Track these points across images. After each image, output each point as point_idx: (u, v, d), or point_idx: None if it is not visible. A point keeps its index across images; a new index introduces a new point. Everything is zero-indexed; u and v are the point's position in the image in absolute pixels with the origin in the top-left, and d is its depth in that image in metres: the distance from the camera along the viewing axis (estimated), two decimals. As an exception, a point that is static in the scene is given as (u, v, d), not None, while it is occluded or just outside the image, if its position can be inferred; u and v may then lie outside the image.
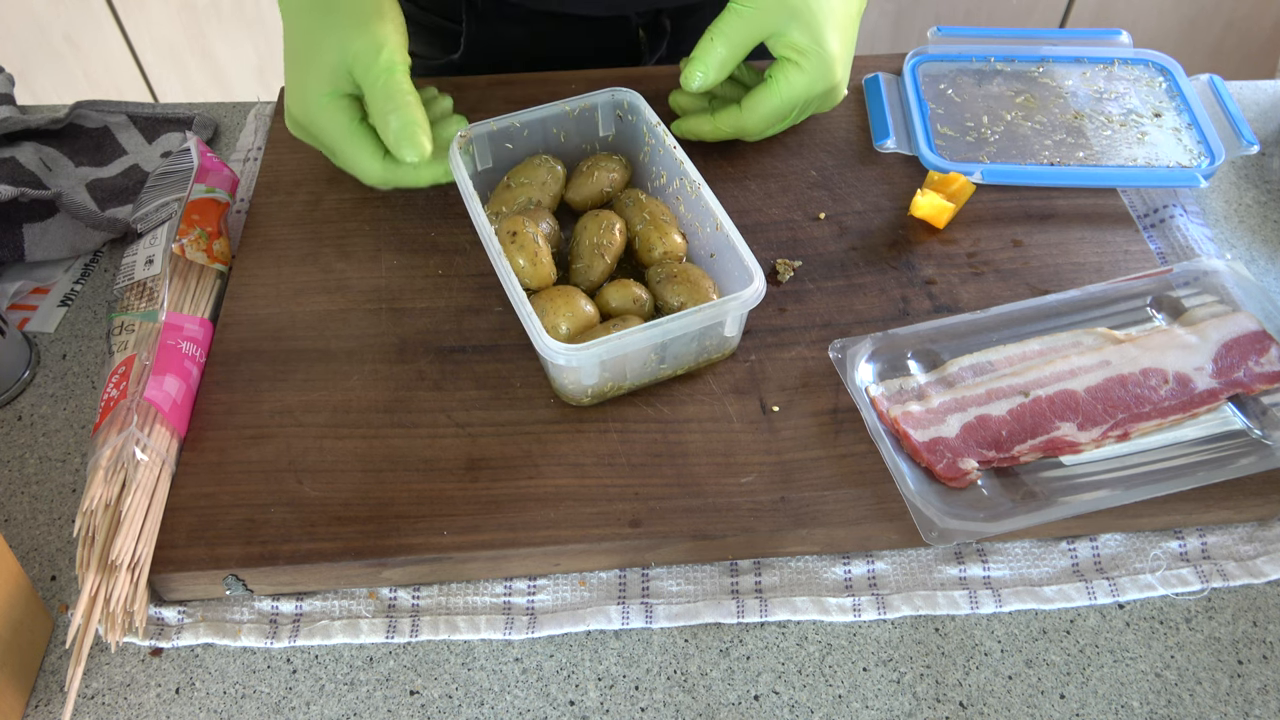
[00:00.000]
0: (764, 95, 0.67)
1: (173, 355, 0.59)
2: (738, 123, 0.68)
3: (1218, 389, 0.57)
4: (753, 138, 0.71)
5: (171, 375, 0.58)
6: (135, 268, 0.64)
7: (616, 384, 0.58)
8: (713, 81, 0.65)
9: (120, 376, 0.58)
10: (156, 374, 0.57)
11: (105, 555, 0.51)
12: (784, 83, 0.66)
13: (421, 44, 0.90)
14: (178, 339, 0.60)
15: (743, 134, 0.69)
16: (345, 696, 0.51)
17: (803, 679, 0.52)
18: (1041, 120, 0.74)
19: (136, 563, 0.51)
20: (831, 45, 0.65)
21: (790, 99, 0.66)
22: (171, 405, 0.57)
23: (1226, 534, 0.56)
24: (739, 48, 0.65)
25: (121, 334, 0.61)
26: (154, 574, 0.52)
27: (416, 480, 0.55)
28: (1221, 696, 0.51)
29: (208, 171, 0.70)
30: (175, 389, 0.57)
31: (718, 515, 0.54)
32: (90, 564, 0.51)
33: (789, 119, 0.70)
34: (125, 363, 0.58)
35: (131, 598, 0.50)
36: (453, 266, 0.66)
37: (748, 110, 0.67)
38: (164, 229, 0.66)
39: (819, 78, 0.66)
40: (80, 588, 0.50)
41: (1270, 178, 0.76)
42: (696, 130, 0.70)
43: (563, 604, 0.54)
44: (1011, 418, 0.56)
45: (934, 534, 0.52)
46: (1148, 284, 0.62)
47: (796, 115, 0.70)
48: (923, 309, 0.64)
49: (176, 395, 0.57)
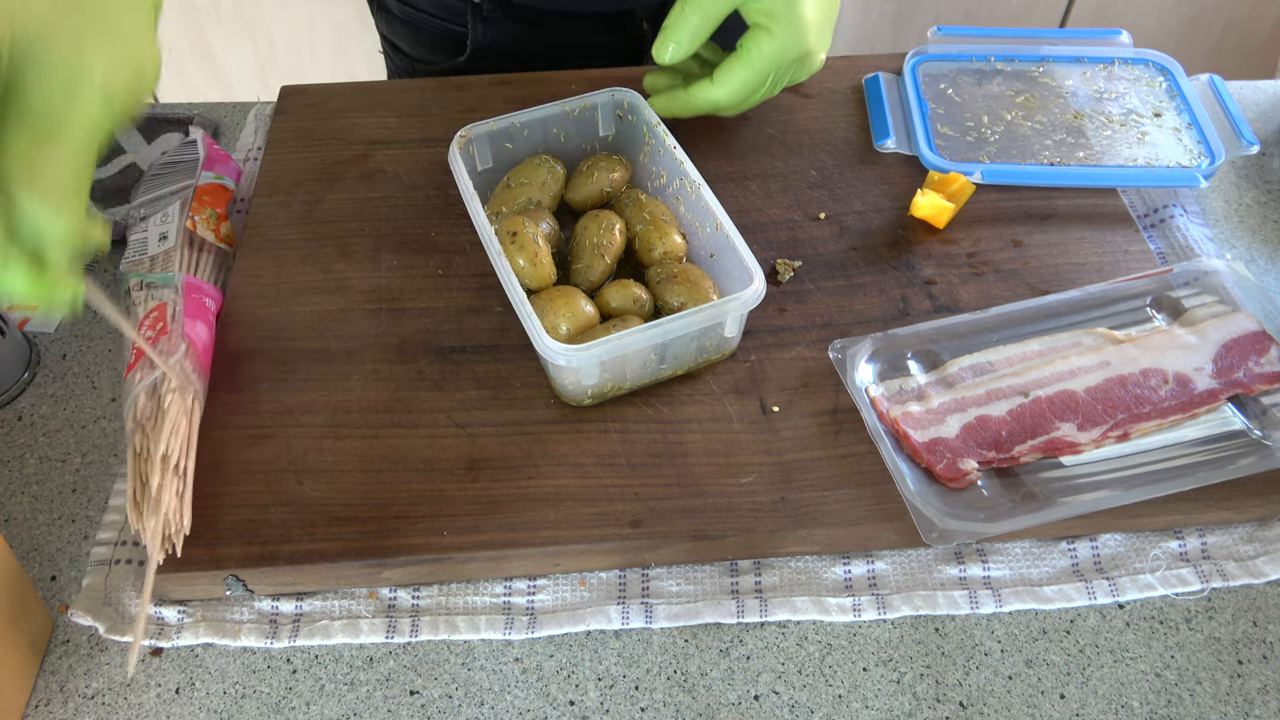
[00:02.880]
0: (734, 64, 0.65)
1: (198, 307, 0.61)
2: (709, 95, 0.66)
3: (1218, 389, 0.57)
4: (728, 112, 0.69)
5: (200, 322, 0.60)
6: (148, 244, 0.65)
7: (616, 384, 0.58)
8: (685, 52, 0.64)
9: (156, 318, 0.59)
10: (188, 317, 0.59)
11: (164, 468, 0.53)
12: (754, 50, 0.64)
13: (426, 49, 0.90)
14: (201, 295, 0.62)
15: (717, 108, 0.67)
16: (345, 696, 0.51)
17: (803, 679, 0.52)
18: (1041, 120, 0.74)
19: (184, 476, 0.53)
20: (804, 10, 0.63)
21: (762, 67, 0.65)
22: (204, 347, 0.59)
23: (1226, 534, 0.56)
24: (711, 17, 0.63)
25: (142, 290, 0.62)
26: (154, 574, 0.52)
27: (416, 480, 0.55)
28: (1221, 696, 0.51)
29: (215, 161, 0.71)
30: (204, 336, 0.60)
31: (718, 515, 0.54)
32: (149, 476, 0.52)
33: (763, 90, 0.67)
34: (158, 308, 0.60)
35: (179, 515, 0.52)
36: (453, 266, 0.66)
37: (719, 82, 0.65)
38: (176, 207, 0.67)
39: (790, 44, 0.64)
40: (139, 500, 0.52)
41: (1270, 178, 0.76)
42: (669, 107, 0.68)
43: (563, 604, 0.54)
44: (1011, 418, 0.56)
45: (934, 534, 0.52)
46: (1148, 284, 0.62)
47: (771, 85, 0.67)
48: (923, 309, 0.64)
49: (206, 341, 0.60)
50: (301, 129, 0.76)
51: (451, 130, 0.68)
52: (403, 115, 0.76)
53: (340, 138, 0.75)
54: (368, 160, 0.73)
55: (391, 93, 0.78)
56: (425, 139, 0.74)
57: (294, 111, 0.77)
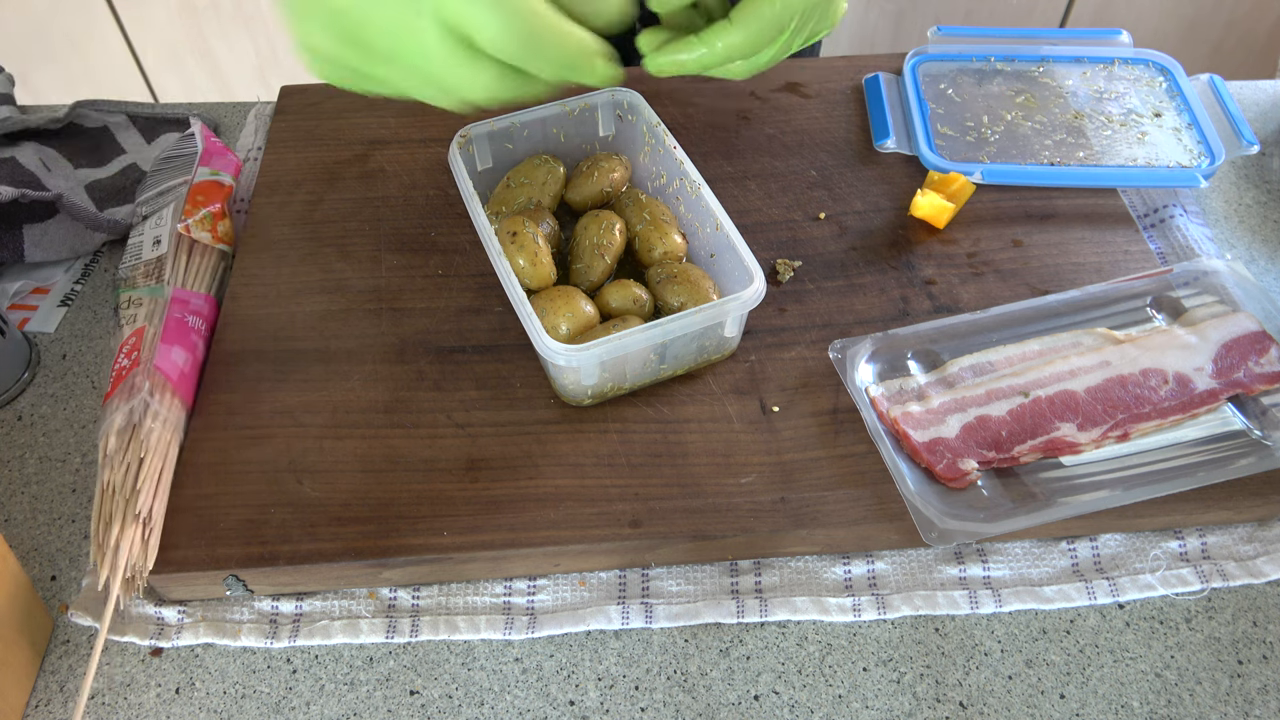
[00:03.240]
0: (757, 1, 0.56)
1: (179, 327, 0.60)
2: (727, 39, 0.56)
3: (1217, 389, 0.57)
4: (739, 72, 0.60)
5: (178, 347, 0.59)
6: (143, 248, 0.65)
7: (616, 384, 0.58)
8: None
9: (131, 347, 0.59)
10: (164, 344, 0.59)
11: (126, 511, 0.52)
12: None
13: None
14: (184, 312, 0.61)
15: (730, 56, 0.58)
16: (345, 696, 0.51)
17: (803, 679, 0.52)
18: (1041, 120, 0.74)
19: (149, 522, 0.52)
20: None
21: (789, 3, 0.56)
22: (179, 375, 0.58)
23: (1226, 534, 0.56)
24: None
25: (130, 308, 0.62)
26: (154, 574, 0.52)
27: (416, 480, 0.55)
28: (1221, 696, 0.51)
29: (212, 155, 0.71)
30: (182, 360, 0.59)
31: (718, 515, 0.54)
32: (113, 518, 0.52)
33: (785, 35, 0.58)
34: (136, 334, 0.60)
35: (143, 556, 0.51)
36: (453, 266, 0.66)
37: (739, 21, 0.56)
38: (169, 210, 0.66)
39: None
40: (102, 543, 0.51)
41: (1270, 178, 0.76)
42: (677, 59, 0.58)
43: (563, 604, 0.54)
44: (1011, 418, 0.56)
45: (934, 534, 0.52)
46: (1148, 284, 0.62)
47: (794, 31, 0.58)
48: (923, 309, 0.64)
49: (184, 366, 0.59)
50: (301, 129, 0.76)
51: (451, 130, 0.68)
52: (403, 115, 0.76)
53: (340, 138, 0.75)
54: (368, 160, 0.73)
55: (391, 93, 0.78)
56: (425, 139, 0.74)
57: (294, 111, 0.77)
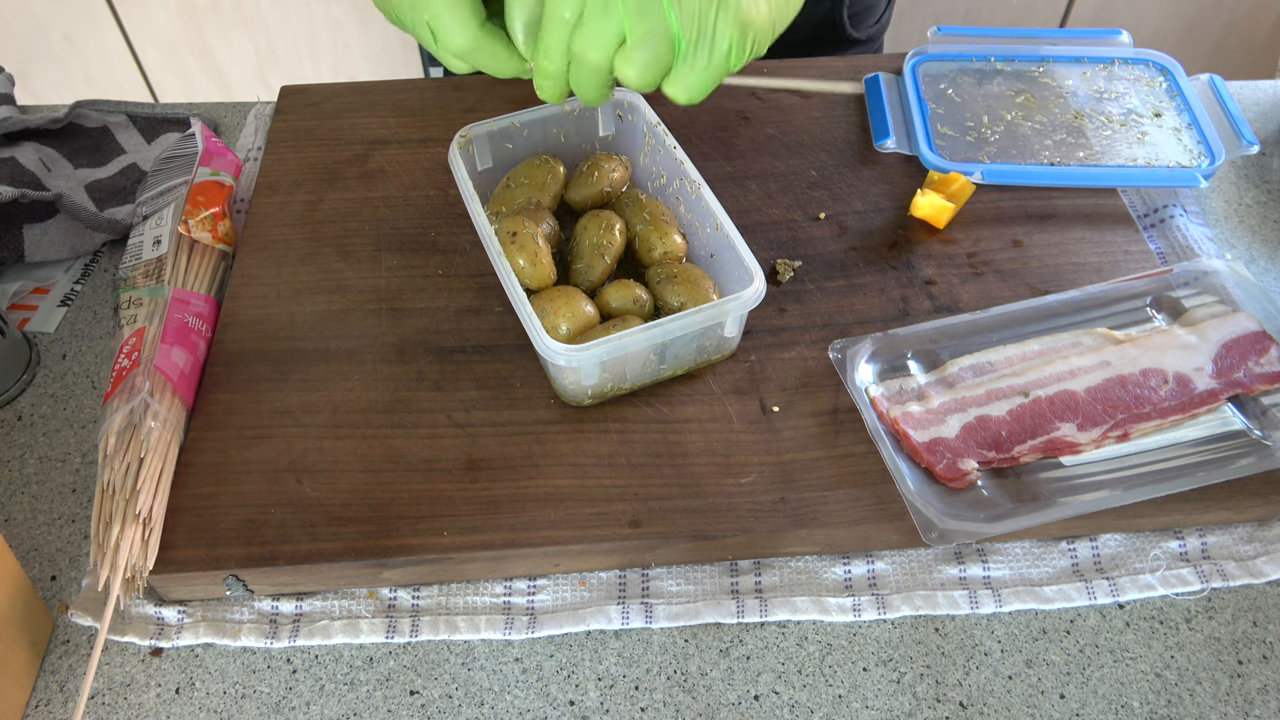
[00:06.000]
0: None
1: (179, 328, 0.60)
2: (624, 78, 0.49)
3: (1217, 389, 0.57)
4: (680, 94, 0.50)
5: (179, 347, 0.59)
6: (143, 248, 0.65)
7: (616, 384, 0.58)
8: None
9: (132, 347, 0.59)
10: (164, 344, 0.59)
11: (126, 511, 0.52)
12: None
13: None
14: (184, 313, 0.61)
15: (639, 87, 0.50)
16: (345, 696, 0.51)
17: (803, 679, 0.52)
18: (1041, 120, 0.74)
19: (149, 522, 0.52)
20: None
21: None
22: (180, 375, 0.58)
23: (1226, 534, 0.56)
24: None
25: (130, 308, 0.62)
26: (154, 574, 0.52)
27: (416, 480, 0.55)
28: (1221, 696, 0.51)
29: (212, 155, 0.71)
30: (182, 360, 0.59)
31: (718, 515, 0.54)
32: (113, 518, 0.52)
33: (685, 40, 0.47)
34: (136, 334, 0.60)
35: (143, 556, 0.51)
36: (453, 266, 0.66)
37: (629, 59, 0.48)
38: (170, 210, 0.66)
39: None
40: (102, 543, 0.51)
41: (1270, 178, 0.76)
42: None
43: (563, 604, 0.54)
44: (1011, 418, 0.56)
45: (934, 534, 0.52)
46: (1148, 284, 0.62)
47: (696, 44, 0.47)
48: (923, 309, 0.64)
49: (184, 366, 0.59)
50: (301, 129, 0.76)
51: (451, 130, 0.68)
52: (403, 115, 0.76)
53: (340, 138, 0.75)
54: (368, 160, 0.73)
55: (391, 93, 0.78)
56: (425, 139, 0.74)
57: (294, 111, 0.77)
